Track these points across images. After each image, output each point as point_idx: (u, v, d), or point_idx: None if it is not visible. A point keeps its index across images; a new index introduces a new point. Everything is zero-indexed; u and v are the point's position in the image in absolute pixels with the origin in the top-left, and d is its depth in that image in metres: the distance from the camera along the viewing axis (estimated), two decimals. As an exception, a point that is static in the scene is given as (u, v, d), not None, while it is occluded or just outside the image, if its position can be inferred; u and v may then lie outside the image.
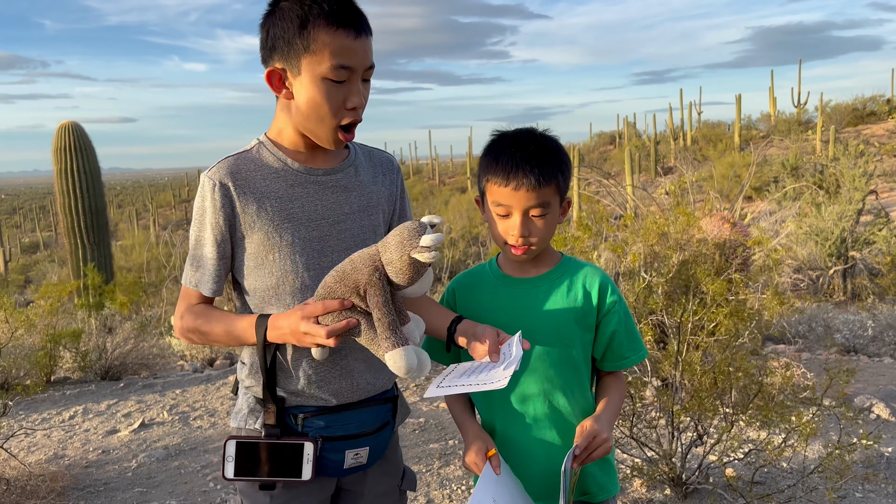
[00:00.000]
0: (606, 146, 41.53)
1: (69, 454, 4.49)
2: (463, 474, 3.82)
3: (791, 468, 3.49)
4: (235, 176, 1.56)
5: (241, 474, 1.55)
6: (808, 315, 6.91)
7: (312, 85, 1.49)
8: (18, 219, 56.33)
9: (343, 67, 1.48)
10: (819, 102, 29.22)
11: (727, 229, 5.53)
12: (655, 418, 3.36)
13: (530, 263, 1.67)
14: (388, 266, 1.37)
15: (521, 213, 1.56)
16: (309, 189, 1.60)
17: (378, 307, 1.38)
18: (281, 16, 1.49)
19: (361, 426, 1.63)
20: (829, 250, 9.45)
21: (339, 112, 1.52)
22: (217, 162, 1.60)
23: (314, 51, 1.47)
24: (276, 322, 1.49)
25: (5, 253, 29.12)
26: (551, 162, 1.56)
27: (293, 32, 1.47)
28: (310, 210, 1.59)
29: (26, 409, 5.43)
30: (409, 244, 1.35)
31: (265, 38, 1.54)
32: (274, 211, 1.57)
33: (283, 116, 1.60)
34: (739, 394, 3.16)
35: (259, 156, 1.60)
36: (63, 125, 10.18)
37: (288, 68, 1.51)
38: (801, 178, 16.63)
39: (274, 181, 1.58)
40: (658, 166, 27.85)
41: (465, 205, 27.41)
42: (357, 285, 1.40)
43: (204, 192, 1.57)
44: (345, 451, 1.60)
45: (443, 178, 48.95)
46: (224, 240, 1.58)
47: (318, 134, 1.56)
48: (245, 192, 1.56)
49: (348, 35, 1.47)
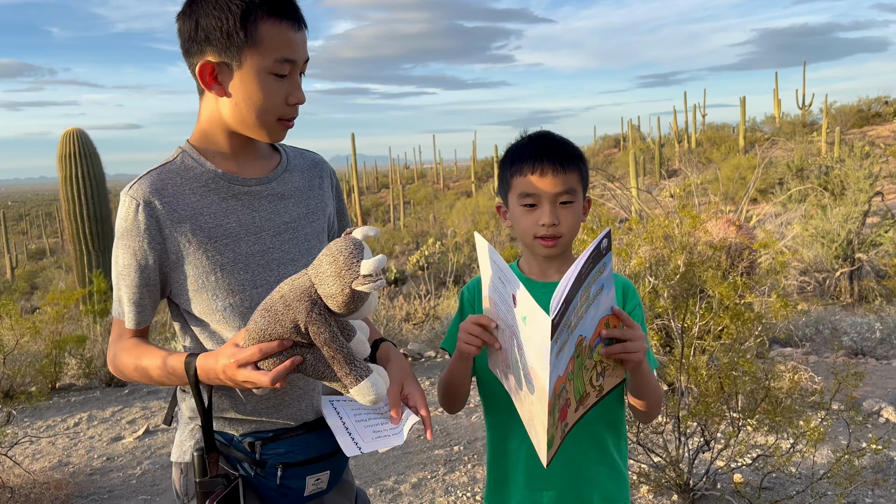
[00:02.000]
0: (611, 149, 41.52)
1: (74, 461, 4.49)
2: (468, 481, 3.80)
3: (800, 474, 3.46)
4: (162, 193, 1.42)
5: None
6: (815, 318, 6.87)
7: (255, 79, 1.40)
8: (25, 225, 56.58)
9: (287, 61, 1.40)
10: (824, 104, 29.17)
11: (733, 232, 5.50)
12: (662, 424, 3.33)
13: (553, 268, 1.63)
14: (328, 300, 1.25)
15: (549, 200, 1.54)
16: (244, 200, 1.49)
17: (327, 344, 1.26)
18: (215, 5, 1.38)
19: (322, 448, 1.51)
20: (836, 252, 9.40)
21: (281, 107, 1.44)
22: (139, 177, 1.44)
23: (258, 43, 1.38)
24: (206, 365, 1.35)
25: (12, 259, 29.25)
26: (572, 152, 1.58)
27: (234, 24, 1.36)
28: (247, 223, 1.48)
29: (31, 416, 5.43)
30: (349, 274, 1.22)
31: (193, 30, 1.40)
32: (209, 228, 1.44)
33: (212, 117, 1.47)
34: (746, 398, 3.13)
35: (185, 167, 1.47)
36: (68, 132, 10.21)
37: (227, 62, 1.40)
38: (806, 180, 16.57)
39: (205, 195, 1.46)
40: (663, 169, 27.81)
41: (469, 209, 27.41)
42: (295, 323, 1.26)
43: (126, 212, 1.42)
44: (305, 476, 1.49)
45: (447, 183, 49.00)
46: (149, 266, 1.44)
47: (256, 130, 1.46)
48: (174, 211, 1.43)
49: (291, 27, 1.41)
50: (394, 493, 3.71)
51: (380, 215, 40.90)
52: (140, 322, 1.49)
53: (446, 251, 16.19)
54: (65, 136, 10.21)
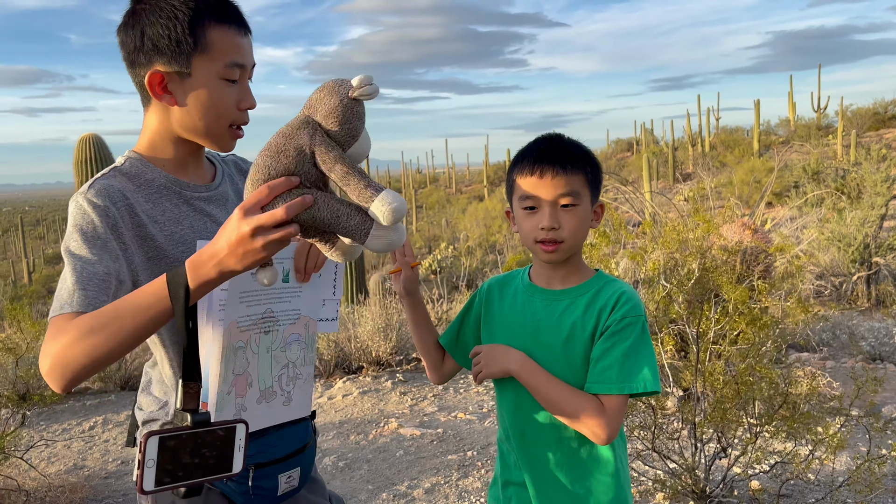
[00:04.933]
0: (624, 153, 41.37)
1: (88, 465, 4.51)
2: (482, 486, 3.77)
3: (819, 481, 3.41)
4: (115, 198, 1.36)
5: (162, 483, 1.19)
6: (832, 322, 6.79)
7: (206, 86, 1.39)
8: (42, 230, 57.13)
9: (237, 65, 1.40)
10: (839, 107, 28.91)
11: (748, 236, 5.45)
12: (678, 430, 3.29)
13: (558, 277, 1.58)
14: (329, 118, 1.18)
15: (549, 203, 1.48)
16: (195, 206, 1.48)
17: (336, 162, 1.17)
18: (161, 14, 1.36)
19: (290, 445, 1.51)
20: (853, 256, 9.30)
21: (232, 113, 1.44)
22: (91, 182, 1.37)
23: (207, 49, 1.37)
24: (201, 256, 1.16)
25: (28, 264, 29.52)
26: (577, 154, 1.52)
27: (181, 31, 1.35)
28: (200, 229, 1.47)
29: (47, 419, 5.46)
30: (343, 89, 1.17)
31: (138, 40, 1.38)
32: (164, 236, 1.41)
33: (159, 126, 1.45)
34: (764, 404, 3.09)
35: (136, 173, 1.43)
36: (83, 138, 10.30)
37: (175, 70, 1.38)
38: (822, 184, 16.43)
39: (158, 201, 1.43)
40: (677, 172, 27.68)
41: (481, 213, 27.39)
42: (300, 149, 1.17)
43: (85, 216, 1.33)
44: (277, 475, 1.48)
45: (459, 187, 49.01)
46: (119, 263, 1.33)
47: (208, 137, 1.45)
48: (131, 216, 1.38)
49: (238, 32, 1.41)
50: (407, 498, 3.69)
51: (392, 219, 40.82)
52: (92, 300, 1.25)
53: (459, 255, 16.18)
54: (81, 141, 10.30)
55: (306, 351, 1.53)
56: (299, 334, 1.50)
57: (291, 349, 1.49)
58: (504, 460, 1.66)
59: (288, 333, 1.48)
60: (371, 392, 5.64)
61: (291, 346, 1.49)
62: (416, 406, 5.26)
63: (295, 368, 1.50)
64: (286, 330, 1.47)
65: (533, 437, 1.56)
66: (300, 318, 1.49)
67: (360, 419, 5.00)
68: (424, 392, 5.58)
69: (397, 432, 4.65)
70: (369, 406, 5.31)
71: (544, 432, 1.55)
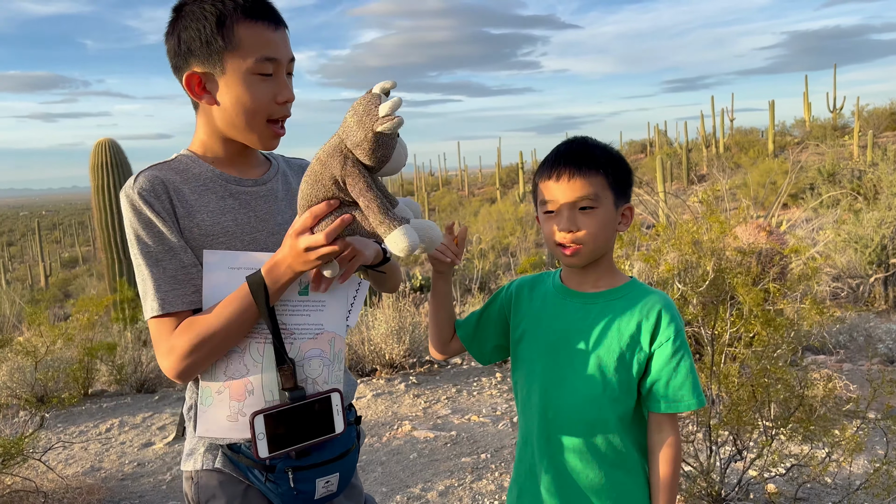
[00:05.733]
0: (637, 155, 41.19)
1: (105, 467, 4.55)
2: (496, 489, 3.77)
3: (836, 484, 3.38)
4: (160, 189, 1.44)
5: (274, 450, 1.41)
6: (849, 324, 6.72)
7: (240, 82, 1.42)
8: (58, 234, 57.70)
9: (268, 59, 1.43)
10: (855, 107, 28.65)
11: (763, 237, 5.42)
12: (693, 432, 3.28)
13: (590, 280, 1.56)
14: (357, 149, 1.29)
15: (567, 205, 1.48)
16: (241, 200, 1.52)
17: (362, 194, 1.29)
18: (193, 18, 1.42)
19: (331, 451, 1.51)
20: (870, 258, 9.21)
21: (270, 107, 1.46)
22: (138, 174, 1.46)
23: (237, 46, 1.41)
24: (270, 264, 1.38)
25: (45, 268, 29.81)
26: (597, 155, 1.51)
27: (210, 31, 1.40)
28: (243, 222, 1.50)
29: (64, 421, 5.52)
30: (369, 119, 1.26)
31: (177, 45, 1.45)
32: (206, 225, 1.46)
33: (206, 126, 1.51)
34: (780, 407, 3.07)
35: (184, 167, 1.50)
36: (100, 142, 10.39)
37: (210, 70, 1.43)
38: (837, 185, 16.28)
39: (203, 193, 1.48)
40: (691, 174, 27.52)
41: (494, 216, 27.36)
42: (334, 178, 1.31)
43: (139, 214, 1.42)
44: (315, 479, 1.48)
45: (472, 190, 48.99)
46: (185, 245, 1.44)
47: (248, 134, 1.48)
48: (176, 205, 1.45)
49: (268, 27, 1.43)
50: (421, 500, 3.70)
51: (405, 222, 40.90)
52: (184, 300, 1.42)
53: (471, 258, 16.17)
54: (97, 146, 10.40)
55: (330, 369, 1.50)
56: (322, 350, 1.48)
57: (311, 365, 1.47)
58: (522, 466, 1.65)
59: (307, 348, 1.47)
60: (384, 394, 5.65)
61: (311, 362, 1.47)
62: (430, 409, 5.26)
63: (315, 386, 1.48)
64: (304, 344, 1.46)
65: (558, 437, 1.56)
66: (323, 334, 1.48)
67: (374, 422, 5.01)
68: (438, 395, 5.59)
69: (411, 435, 4.65)
70: (383, 408, 5.32)
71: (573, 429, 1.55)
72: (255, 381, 1.44)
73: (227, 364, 1.44)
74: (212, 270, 1.43)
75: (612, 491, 1.52)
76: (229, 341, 1.41)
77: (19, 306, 12.49)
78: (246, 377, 1.43)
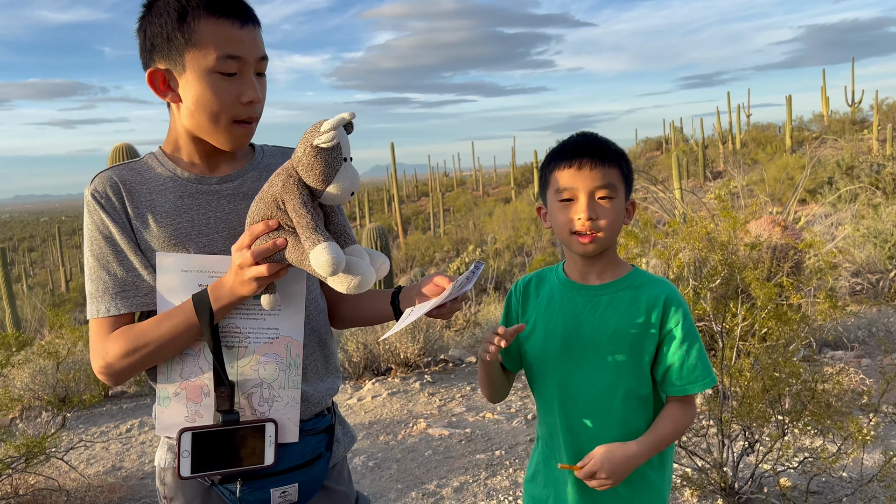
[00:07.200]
0: (653, 152, 40.97)
1: (126, 466, 4.63)
2: (510, 485, 3.80)
3: (849, 477, 3.37)
4: (117, 187, 1.42)
5: (198, 470, 1.37)
6: (868, 319, 6.67)
7: (200, 80, 1.35)
8: (78, 239, 58.37)
9: (230, 57, 1.35)
10: (874, 101, 28.30)
11: (777, 232, 5.39)
12: (705, 427, 3.28)
13: (595, 272, 1.59)
14: (299, 166, 1.27)
15: (587, 194, 1.49)
16: (200, 200, 1.44)
17: (294, 210, 1.26)
18: (157, 13, 1.36)
19: (287, 461, 1.44)
20: (889, 252, 9.12)
21: (234, 107, 1.38)
22: (96, 175, 1.44)
23: (197, 43, 1.34)
24: (214, 285, 1.35)
25: (66, 272, 30.22)
26: (614, 149, 1.55)
27: (172, 27, 1.34)
28: (200, 223, 1.43)
29: (86, 422, 5.61)
30: (312, 135, 1.25)
31: (143, 41, 1.40)
32: (160, 227, 1.40)
33: (174, 124, 1.46)
34: (793, 401, 3.07)
35: (147, 167, 1.46)
36: (117, 147, 10.53)
37: (171, 67, 1.37)
38: (856, 179, 16.11)
39: (161, 193, 1.43)
40: (707, 171, 27.33)
41: (509, 215, 27.33)
42: (275, 198, 1.29)
43: (92, 206, 1.41)
44: (269, 489, 1.43)
45: (486, 190, 48.97)
46: (120, 242, 1.41)
47: (213, 134, 1.41)
48: (133, 206, 1.42)
49: (233, 24, 1.35)
50: (436, 496, 3.73)
51: (420, 223, 41.09)
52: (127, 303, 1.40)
53: (486, 258, 16.19)
54: (114, 151, 10.53)
55: (287, 374, 1.46)
56: (277, 355, 1.45)
57: (266, 368, 1.44)
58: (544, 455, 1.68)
59: (262, 352, 1.45)
60: (400, 393, 5.69)
61: (266, 366, 1.44)
62: (445, 406, 5.29)
63: (271, 390, 1.45)
64: (259, 348, 1.44)
65: (581, 433, 1.59)
66: (278, 339, 1.45)
67: (390, 420, 5.05)
68: (452, 393, 5.62)
69: (426, 432, 4.69)
70: (398, 407, 5.36)
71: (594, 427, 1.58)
72: (210, 382, 1.42)
73: (183, 366, 1.42)
74: (165, 273, 1.40)
75: (632, 477, 1.55)
76: (164, 352, 1.38)
77: (41, 311, 12.67)
78: (201, 378, 1.42)
